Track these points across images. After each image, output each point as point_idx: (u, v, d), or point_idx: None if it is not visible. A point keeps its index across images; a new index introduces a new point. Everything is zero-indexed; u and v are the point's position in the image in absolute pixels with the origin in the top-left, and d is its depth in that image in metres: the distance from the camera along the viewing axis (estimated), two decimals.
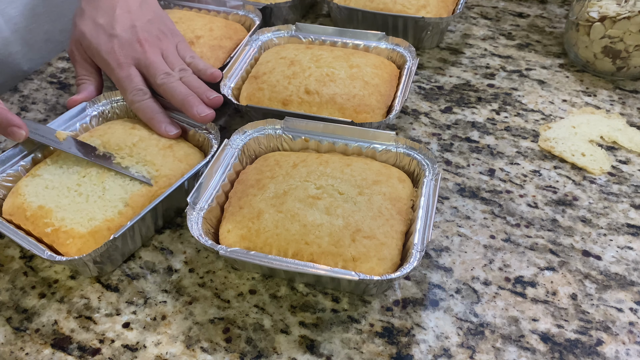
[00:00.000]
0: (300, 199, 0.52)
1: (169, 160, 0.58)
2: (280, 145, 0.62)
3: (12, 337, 0.49)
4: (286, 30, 0.77)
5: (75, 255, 0.50)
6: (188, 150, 0.61)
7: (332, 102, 0.64)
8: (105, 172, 0.56)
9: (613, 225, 0.57)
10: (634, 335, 0.48)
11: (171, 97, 0.62)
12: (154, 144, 0.60)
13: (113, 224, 0.52)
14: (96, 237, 0.51)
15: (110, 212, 0.53)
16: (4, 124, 0.56)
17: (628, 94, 0.74)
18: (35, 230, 0.52)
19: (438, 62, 0.81)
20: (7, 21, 0.79)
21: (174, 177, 0.57)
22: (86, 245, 0.51)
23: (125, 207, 0.54)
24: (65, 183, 0.55)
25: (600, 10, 0.72)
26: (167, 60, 0.65)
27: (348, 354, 0.47)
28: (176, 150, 0.60)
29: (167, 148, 0.60)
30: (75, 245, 0.51)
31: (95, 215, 0.52)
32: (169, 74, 0.63)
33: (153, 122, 0.62)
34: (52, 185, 0.55)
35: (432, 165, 0.56)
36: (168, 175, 0.57)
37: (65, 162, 0.58)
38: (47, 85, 0.79)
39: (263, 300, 0.51)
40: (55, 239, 0.51)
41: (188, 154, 0.60)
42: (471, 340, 0.48)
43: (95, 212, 0.53)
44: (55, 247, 0.51)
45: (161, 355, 0.47)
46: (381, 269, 0.48)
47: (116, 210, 0.53)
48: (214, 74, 0.66)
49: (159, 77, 0.63)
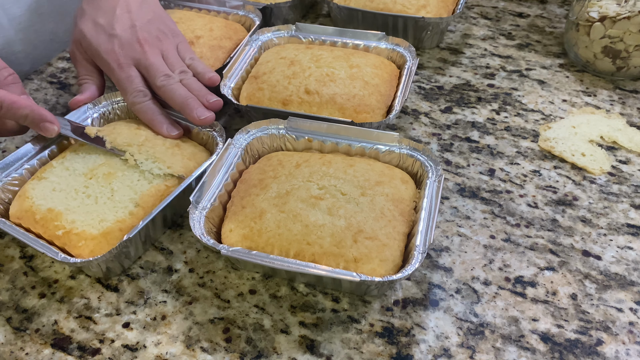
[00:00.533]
0: (302, 199, 0.52)
1: (178, 158, 0.58)
2: (284, 145, 0.62)
3: (12, 337, 0.49)
4: (286, 30, 0.77)
5: (88, 257, 0.50)
6: (195, 149, 0.61)
7: (332, 102, 0.64)
8: (112, 172, 0.56)
9: (613, 225, 0.58)
10: (634, 335, 0.48)
11: (170, 99, 0.62)
12: (161, 143, 0.60)
13: (125, 224, 0.52)
14: (108, 239, 0.51)
15: (121, 212, 0.53)
16: (37, 120, 0.57)
17: (628, 94, 0.74)
18: (46, 233, 0.52)
19: (438, 62, 0.81)
20: (11, 20, 0.79)
21: (185, 176, 0.57)
22: (99, 246, 0.51)
23: (136, 208, 0.53)
24: (72, 185, 0.55)
25: (600, 10, 0.72)
26: (167, 61, 0.65)
27: (348, 354, 0.47)
28: (184, 148, 0.60)
29: (175, 147, 0.60)
30: (88, 247, 0.50)
31: (106, 216, 0.52)
32: (168, 75, 0.63)
33: (154, 123, 0.62)
34: (59, 188, 0.55)
35: (435, 167, 0.56)
36: (180, 173, 0.57)
37: (71, 163, 0.58)
38: (47, 85, 0.79)
39: (263, 300, 0.51)
40: (67, 242, 0.51)
41: (195, 153, 0.61)
42: (471, 340, 0.48)
43: (106, 214, 0.52)
44: (68, 250, 0.51)
45: (161, 355, 0.47)
46: (383, 270, 0.48)
47: (127, 210, 0.53)
48: (212, 78, 0.66)
49: (159, 79, 0.62)
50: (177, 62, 0.66)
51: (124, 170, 0.57)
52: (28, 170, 0.59)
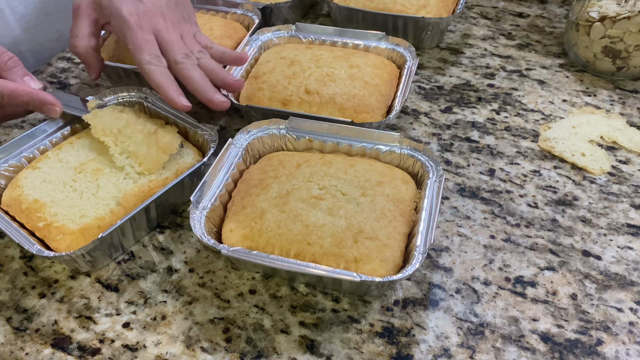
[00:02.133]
0: (303, 199, 0.52)
1: (153, 150, 0.58)
2: (284, 145, 0.62)
3: (12, 337, 0.49)
4: (286, 30, 0.77)
5: (64, 251, 0.50)
6: (171, 139, 0.60)
7: (332, 102, 0.64)
8: (100, 169, 0.56)
9: (613, 225, 0.58)
10: (634, 335, 0.48)
11: (187, 78, 0.60)
12: (139, 129, 0.60)
13: (104, 222, 0.53)
14: (86, 235, 0.51)
15: (102, 210, 0.53)
16: (39, 104, 0.58)
17: (628, 94, 0.74)
18: (29, 223, 0.53)
19: (438, 62, 0.81)
20: (18, 19, 0.79)
21: (158, 173, 0.57)
22: (76, 242, 0.51)
23: (117, 206, 0.54)
24: (62, 177, 0.56)
25: (600, 10, 0.72)
26: (185, 42, 0.63)
27: (348, 354, 0.47)
28: (161, 136, 0.59)
29: (152, 134, 0.59)
30: (65, 241, 0.51)
31: (87, 212, 0.53)
32: (188, 55, 0.61)
33: (169, 89, 0.59)
34: (49, 179, 0.55)
35: (435, 167, 0.56)
36: (155, 173, 0.57)
37: (65, 156, 0.58)
38: (47, 85, 0.78)
39: (263, 300, 0.51)
40: (46, 234, 0.51)
41: (170, 143, 0.59)
42: (471, 340, 0.48)
43: (88, 209, 0.53)
44: (46, 242, 0.52)
45: (161, 355, 0.47)
46: (383, 271, 0.48)
47: (108, 208, 0.53)
48: (240, 54, 0.65)
49: (179, 56, 0.61)
50: (194, 45, 0.64)
51: (112, 167, 0.57)
52: (26, 157, 0.60)
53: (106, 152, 0.58)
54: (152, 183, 0.56)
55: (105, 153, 0.58)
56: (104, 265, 0.54)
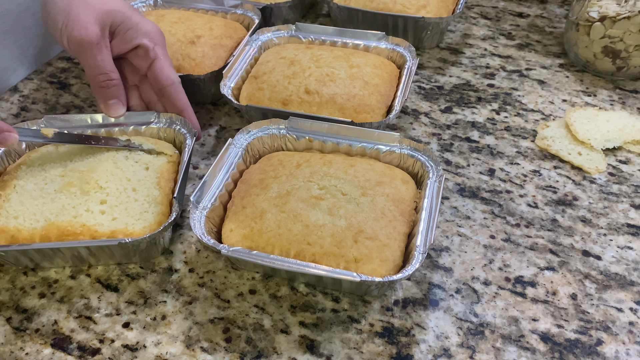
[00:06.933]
0: (303, 199, 0.52)
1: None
2: (284, 145, 0.62)
3: (12, 337, 0.49)
4: (286, 30, 0.77)
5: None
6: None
7: (332, 102, 0.64)
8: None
9: (613, 225, 0.58)
10: (634, 335, 0.48)
11: (180, 99, 0.62)
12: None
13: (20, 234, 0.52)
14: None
15: (29, 223, 0.52)
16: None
17: (628, 94, 0.74)
18: None
19: (438, 62, 0.81)
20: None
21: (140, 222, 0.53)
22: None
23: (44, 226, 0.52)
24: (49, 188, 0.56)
25: (600, 10, 0.72)
26: None
27: (348, 354, 0.47)
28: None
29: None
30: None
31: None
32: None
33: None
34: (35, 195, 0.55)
35: (436, 167, 0.56)
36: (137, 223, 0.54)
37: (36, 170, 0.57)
38: (47, 85, 0.78)
39: (263, 300, 0.51)
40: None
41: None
42: (471, 340, 0.48)
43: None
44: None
45: (161, 355, 0.47)
46: (383, 271, 0.48)
47: (37, 225, 0.52)
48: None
49: (175, 76, 0.63)
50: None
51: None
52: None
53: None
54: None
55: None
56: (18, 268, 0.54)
